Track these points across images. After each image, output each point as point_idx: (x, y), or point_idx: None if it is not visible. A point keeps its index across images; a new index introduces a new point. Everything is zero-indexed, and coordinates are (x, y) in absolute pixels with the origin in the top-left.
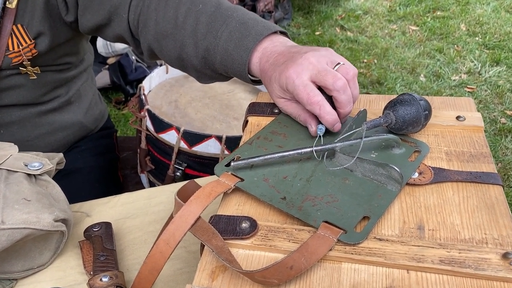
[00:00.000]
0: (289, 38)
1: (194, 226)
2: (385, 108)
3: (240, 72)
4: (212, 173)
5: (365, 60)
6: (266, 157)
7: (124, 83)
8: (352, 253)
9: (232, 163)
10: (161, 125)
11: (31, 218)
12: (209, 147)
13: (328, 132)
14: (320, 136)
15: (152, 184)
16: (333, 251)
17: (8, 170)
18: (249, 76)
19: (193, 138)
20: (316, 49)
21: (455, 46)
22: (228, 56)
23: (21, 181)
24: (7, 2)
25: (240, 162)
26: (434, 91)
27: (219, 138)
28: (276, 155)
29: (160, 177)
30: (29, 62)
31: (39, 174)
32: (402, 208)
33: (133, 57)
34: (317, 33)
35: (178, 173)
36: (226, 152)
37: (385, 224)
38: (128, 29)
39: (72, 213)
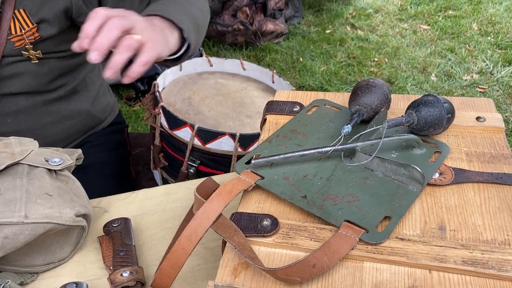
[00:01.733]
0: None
1: (216, 223)
2: (408, 107)
3: None
4: (225, 170)
5: (376, 59)
6: (286, 155)
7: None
8: (374, 253)
9: (252, 161)
10: (176, 122)
11: (53, 213)
12: (223, 144)
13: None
14: (342, 136)
15: (165, 181)
16: (355, 250)
17: (29, 165)
18: None
19: (207, 135)
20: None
21: (467, 45)
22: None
23: (42, 176)
24: None
25: (260, 160)
26: (445, 90)
27: (232, 136)
28: (297, 153)
29: (173, 173)
30: (31, 46)
31: (59, 170)
32: (423, 208)
33: None
34: (328, 31)
35: (191, 170)
36: (239, 149)
37: (406, 224)
38: None
39: (92, 209)
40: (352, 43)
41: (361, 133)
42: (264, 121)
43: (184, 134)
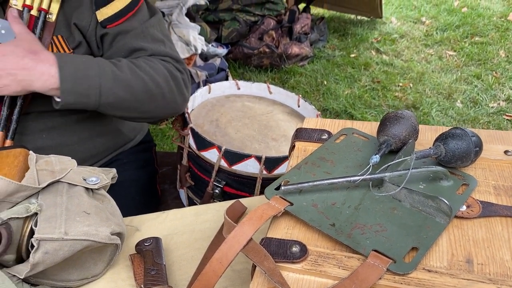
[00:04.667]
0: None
1: (246, 247)
2: (436, 140)
3: None
4: (250, 192)
5: (400, 84)
6: (315, 183)
7: None
8: (401, 283)
9: (282, 187)
10: (204, 144)
11: (91, 230)
12: (248, 167)
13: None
14: (370, 165)
15: (190, 200)
16: (383, 280)
17: (69, 183)
18: None
19: (233, 157)
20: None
21: (494, 72)
22: None
23: (81, 195)
24: (47, 16)
25: (290, 186)
26: (471, 117)
27: (258, 158)
28: (326, 181)
29: (199, 193)
30: None
31: (96, 189)
32: (450, 240)
33: None
34: (352, 55)
35: (216, 190)
36: (264, 172)
37: (433, 255)
38: None
39: (125, 228)
40: (376, 68)
41: (389, 164)
42: (292, 147)
43: (211, 155)
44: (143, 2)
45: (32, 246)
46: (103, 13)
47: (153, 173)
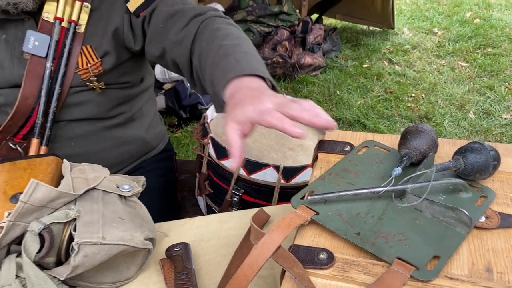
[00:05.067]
0: (270, 84)
1: (275, 254)
2: (455, 153)
3: (220, 98)
4: (267, 200)
5: (413, 94)
6: (340, 193)
7: (178, 107)
8: None
9: (308, 197)
10: (223, 152)
11: (126, 236)
12: (266, 176)
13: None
14: (393, 177)
15: (209, 207)
16: (406, 286)
17: (103, 191)
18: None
19: (252, 166)
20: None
21: (507, 84)
22: (218, 83)
23: (115, 202)
24: (77, 27)
25: (316, 196)
26: (484, 128)
27: (276, 168)
28: (350, 192)
29: (218, 201)
30: (95, 78)
31: (128, 196)
32: (470, 250)
33: (188, 84)
34: (365, 65)
35: (235, 198)
36: (282, 181)
37: (454, 264)
38: (189, 58)
39: (157, 233)
40: (389, 78)
41: (411, 176)
42: (315, 158)
43: (230, 164)
44: None
45: (72, 249)
46: (134, 4)
47: (173, 181)
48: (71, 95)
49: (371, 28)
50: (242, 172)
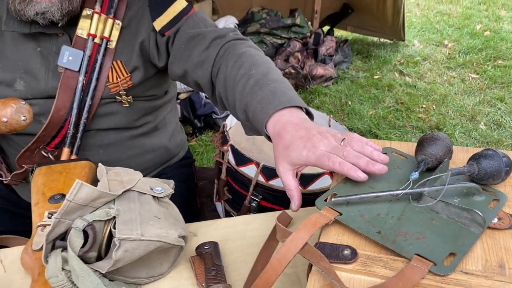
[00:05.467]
0: (307, 113)
1: (303, 250)
2: (470, 159)
3: (261, 130)
4: (284, 206)
5: (424, 106)
6: (362, 196)
7: (193, 117)
8: (441, 283)
9: (332, 199)
10: (242, 159)
11: (162, 233)
12: None
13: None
14: (411, 181)
15: (227, 213)
16: (425, 280)
17: (139, 192)
18: (266, 133)
19: (270, 172)
20: (324, 128)
21: None
22: (255, 115)
23: (150, 202)
24: (108, 43)
25: (339, 198)
26: (494, 139)
27: None
28: (371, 194)
29: (236, 206)
30: (124, 92)
31: (161, 197)
32: (484, 248)
33: (203, 94)
34: (376, 77)
35: (253, 204)
36: (299, 187)
37: (469, 261)
38: (210, 79)
39: (188, 232)
40: (400, 89)
41: (427, 179)
42: None
43: (250, 170)
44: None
45: (113, 245)
46: (160, 23)
47: (193, 187)
48: (101, 107)
49: (381, 40)
50: (261, 178)
